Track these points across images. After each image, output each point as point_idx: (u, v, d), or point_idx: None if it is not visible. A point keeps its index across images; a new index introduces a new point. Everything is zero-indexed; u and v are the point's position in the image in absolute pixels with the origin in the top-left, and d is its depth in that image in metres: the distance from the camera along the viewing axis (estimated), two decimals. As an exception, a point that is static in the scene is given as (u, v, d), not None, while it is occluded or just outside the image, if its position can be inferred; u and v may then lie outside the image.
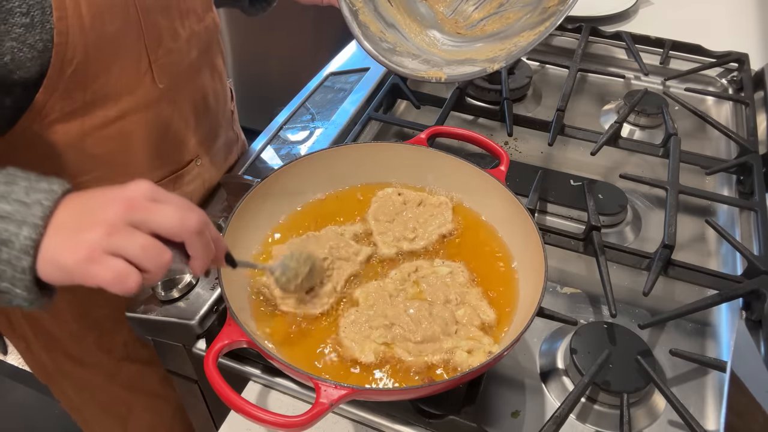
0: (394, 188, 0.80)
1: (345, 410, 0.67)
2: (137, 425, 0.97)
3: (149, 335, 0.78)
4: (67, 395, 0.90)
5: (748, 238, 0.88)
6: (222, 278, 0.63)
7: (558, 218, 0.91)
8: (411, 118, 1.07)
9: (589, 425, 0.67)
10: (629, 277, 0.82)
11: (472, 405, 0.64)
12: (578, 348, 0.70)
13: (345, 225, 0.76)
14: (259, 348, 0.57)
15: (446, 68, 0.75)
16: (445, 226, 0.76)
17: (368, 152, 0.80)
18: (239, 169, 0.93)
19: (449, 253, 0.74)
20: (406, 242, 0.74)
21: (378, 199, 0.78)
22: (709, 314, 0.79)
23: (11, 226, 0.49)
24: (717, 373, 0.72)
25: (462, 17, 0.83)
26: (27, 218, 0.49)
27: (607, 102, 1.15)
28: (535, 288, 0.63)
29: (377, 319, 0.65)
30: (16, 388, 1.77)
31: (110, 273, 0.49)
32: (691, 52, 1.22)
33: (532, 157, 1.03)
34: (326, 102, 1.05)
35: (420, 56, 0.79)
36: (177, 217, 0.50)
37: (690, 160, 0.96)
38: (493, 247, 0.75)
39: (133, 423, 0.96)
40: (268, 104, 1.70)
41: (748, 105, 1.08)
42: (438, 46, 0.81)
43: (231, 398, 0.53)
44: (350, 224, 0.77)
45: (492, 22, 0.79)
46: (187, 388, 0.85)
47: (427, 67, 0.77)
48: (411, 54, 0.78)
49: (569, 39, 1.28)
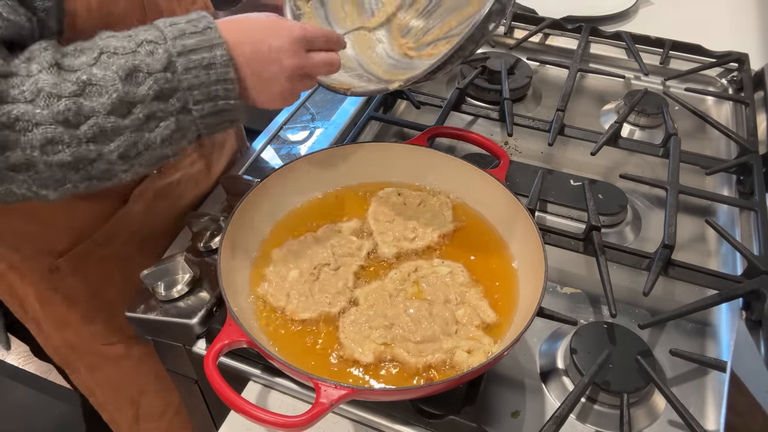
0: (394, 188, 0.80)
1: (345, 410, 0.67)
2: (149, 407, 0.98)
3: (149, 335, 0.78)
4: (81, 377, 0.92)
5: (748, 238, 0.88)
6: (222, 278, 0.63)
7: (558, 218, 0.91)
8: (411, 118, 1.07)
9: (589, 425, 0.67)
10: (629, 277, 0.82)
11: (472, 405, 0.64)
12: (578, 348, 0.70)
13: (342, 222, 0.76)
14: (259, 348, 0.57)
15: (357, 83, 0.76)
16: (446, 226, 0.76)
17: (368, 152, 0.80)
18: (239, 169, 0.93)
19: (449, 253, 0.74)
20: (406, 242, 0.74)
21: (378, 199, 0.79)
22: (709, 314, 0.79)
23: (205, 53, 0.57)
24: (717, 373, 0.72)
25: (413, 39, 0.83)
26: (212, 42, 0.58)
27: (607, 102, 1.15)
28: (535, 288, 0.63)
29: (377, 319, 0.65)
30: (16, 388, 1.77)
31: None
32: (691, 52, 1.22)
33: (532, 157, 1.03)
34: (326, 102, 1.05)
35: (355, 71, 0.79)
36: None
37: (690, 160, 0.96)
38: (493, 247, 0.75)
39: (145, 405, 0.97)
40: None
41: (748, 105, 1.08)
42: (380, 64, 0.81)
43: (231, 398, 0.53)
44: (347, 220, 0.77)
45: (440, 46, 0.79)
46: (187, 388, 0.85)
47: (356, 82, 0.77)
48: (347, 67, 0.78)
49: (569, 39, 1.28)
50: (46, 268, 0.79)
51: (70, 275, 0.81)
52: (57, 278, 0.81)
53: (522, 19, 1.31)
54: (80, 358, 0.90)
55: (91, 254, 0.81)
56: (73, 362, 0.90)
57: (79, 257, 0.80)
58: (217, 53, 0.58)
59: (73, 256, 0.80)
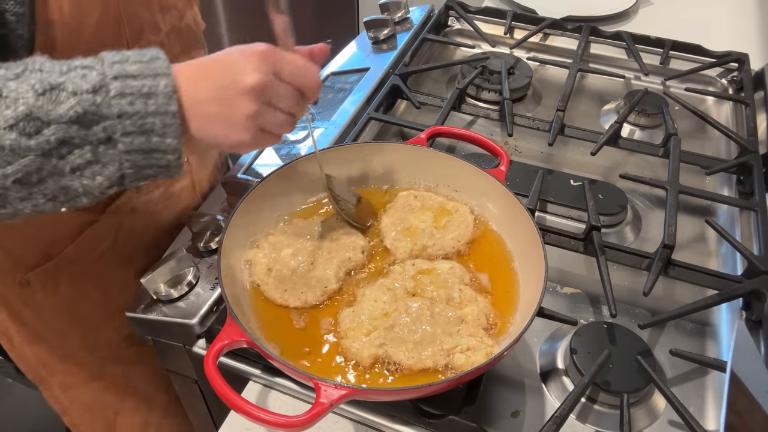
0: (410, 191, 0.79)
1: (345, 410, 0.67)
2: (126, 428, 0.96)
3: (149, 335, 0.78)
4: (54, 394, 0.89)
5: (748, 238, 0.88)
6: (222, 278, 0.63)
7: (558, 218, 0.91)
8: (411, 118, 1.07)
9: (589, 425, 0.67)
10: (629, 277, 0.82)
11: (472, 405, 0.64)
12: (578, 348, 0.70)
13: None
14: (259, 348, 0.57)
15: None
16: (463, 239, 0.74)
17: (368, 152, 0.80)
18: (239, 169, 0.92)
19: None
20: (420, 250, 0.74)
21: (394, 204, 0.78)
22: (709, 314, 0.79)
23: (147, 80, 0.51)
24: (717, 373, 0.72)
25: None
26: (157, 71, 0.51)
27: (607, 102, 1.15)
28: (535, 288, 0.63)
29: (377, 319, 0.65)
30: (16, 388, 1.77)
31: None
32: (691, 52, 1.22)
33: (532, 157, 1.03)
34: (326, 102, 1.05)
35: None
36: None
37: (690, 160, 0.96)
38: (493, 246, 0.75)
39: (121, 426, 0.95)
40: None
41: (748, 105, 1.08)
42: None
43: (231, 398, 0.53)
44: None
45: None
46: (187, 388, 0.85)
47: None
48: None
49: (569, 39, 1.28)
50: (16, 280, 0.76)
51: (41, 289, 0.78)
52: (27, 292, 0.78)
53: (522, 19, 1.31)
54: (52, 375, 0.87)
55: (63, 270, 0.79)
56: (45, 379, 0.87)
57: (50, 272, 0.78)
58: (161, 83, 0.51)
59: (43, 271, 0.77)
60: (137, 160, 0.52)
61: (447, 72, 1.22)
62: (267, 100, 0.56)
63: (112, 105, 0.50)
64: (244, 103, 0.54)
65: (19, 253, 0.75)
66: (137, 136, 0.51)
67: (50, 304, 0.82)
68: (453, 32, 1.34)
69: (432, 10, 1.31)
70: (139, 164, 0.52)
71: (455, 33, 1.34)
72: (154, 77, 0.51)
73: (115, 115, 0.50)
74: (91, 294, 0.83)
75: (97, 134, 0.50)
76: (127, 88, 0.50)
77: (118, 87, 0.50)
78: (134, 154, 0.52)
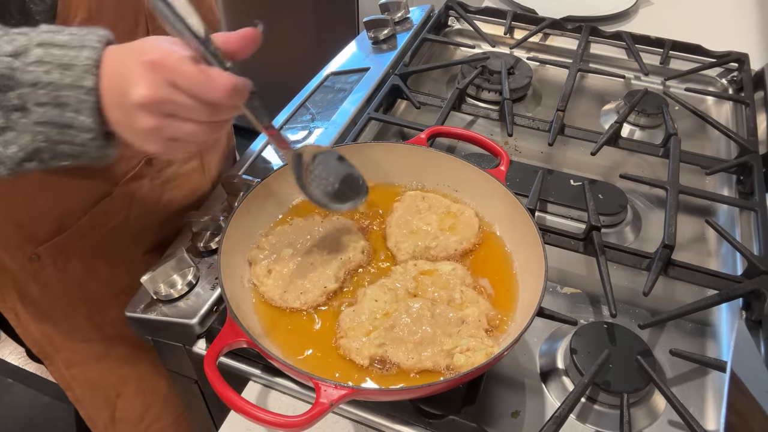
0: (418, 191, 0.79)
1: (345, 410, 0.67)
2: (126, 410, 0.96)
3: (149, 335, 0.78)
4: (59, 370, 0.90)
5: (748, 238, 0.88)
6: (222, 278, 0.63)
7: (558, 218, 0.91)
8: (411, 118, 1.07)
9: (589, 425, 0.67)
10: (629, 277, 0.82)
11: (472, 405, 0.64)
12: (578, 348, 0.70)
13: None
14: (259, 348, 0.57)
15: None
16: (467, 241, 0.74)
17: (368, 152, 0.80)
18: (239, 169, 0.93)
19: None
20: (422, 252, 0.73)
21: (400, 205, 0.78)
22: (709, 314, 0.79)
23: (70, 51, 0.48)
24: (717, 373, 0.72)
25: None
26: (84, 42, 0.48)
27: (607, 102, 1.15)
28: (535, 288, 0.63)
29: (377, 319, 0.65)
30: (16, 387, 1.77)
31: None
32: (691, 52, 1.22)
33: (532, 157, 1.03)
34: (326, 102, 1.05)
35: None
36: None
37: (690, 160, 0.96)
38: (493, 247, 0.75)
39: (122, 407, 0.96)
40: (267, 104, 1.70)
41: (748, 105, 1.08)
42: None
43: (231, 398, 0.53)
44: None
45: None
46: (187, 388, 0.85)
47: None
48: None
49: (569, 39, 1.28)
50: (26, 255, 0.77)
51: (51, 264, 0.79)
52: (37, 267, 0.78)
53: (522, 19, 1.31)
54: (58, 352, 0.88)
55: (73, 244, 0.79)
56: (51, 355, 0.88)
57: (61, 246, 0.78)
58: (82, 54, 0.48)
59: (54, 244, 0.77)
60: (51, 134, 0.50)
61: (447, 72, 1.22)
62: (168, 112, 0.50)
63: (27, 71, 0.48)
64: (140, 117, 0.50)
65: (31, 225, 0.75)
66: (51, 108, 0.49)
67: (59, 281, 0.82)
68: (453, 32, 1.34)
69: (432, 10, 1.31)
70: (54, 139, 0.50)
71: (455, 33, 1.34)
72: (80, 48, 0.48)
73: (29, 83, 0.48)
74: (100, 270, 0.84)
75: (11, 100, 0.48)
76: (47, 56, 0.48)
77: (39, 54, 0.48)
78: (47, 126, 0.49)
